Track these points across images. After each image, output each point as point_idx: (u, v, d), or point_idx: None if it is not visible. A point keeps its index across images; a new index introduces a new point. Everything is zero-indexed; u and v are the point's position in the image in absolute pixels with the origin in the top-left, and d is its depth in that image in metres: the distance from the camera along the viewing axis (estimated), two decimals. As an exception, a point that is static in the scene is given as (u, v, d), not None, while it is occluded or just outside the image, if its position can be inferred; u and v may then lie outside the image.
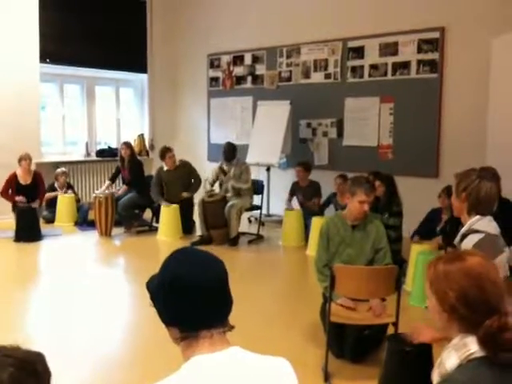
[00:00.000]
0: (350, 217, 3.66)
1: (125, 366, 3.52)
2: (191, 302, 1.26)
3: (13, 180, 7.37)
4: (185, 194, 7.34)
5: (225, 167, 7.11)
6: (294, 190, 7.34)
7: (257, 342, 1.07)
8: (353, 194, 3.56)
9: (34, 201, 7.35)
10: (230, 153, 7.07)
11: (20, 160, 7.33)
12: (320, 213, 6.80)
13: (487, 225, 2.54)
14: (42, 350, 1.22)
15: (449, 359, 1.41)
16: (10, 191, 7.36)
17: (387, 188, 5.52)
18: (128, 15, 9.49)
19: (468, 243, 2.47)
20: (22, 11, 8.01)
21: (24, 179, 7.42)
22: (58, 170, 8.10)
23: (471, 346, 1.38)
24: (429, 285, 1.51)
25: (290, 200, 7.26)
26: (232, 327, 1.31)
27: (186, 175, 7.49)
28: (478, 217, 2.55)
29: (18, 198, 7.25)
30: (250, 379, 1.23)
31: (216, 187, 7.25)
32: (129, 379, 3.30)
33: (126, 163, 7.76)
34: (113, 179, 8.15)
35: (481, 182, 2.56)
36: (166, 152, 7.40)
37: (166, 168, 7.48)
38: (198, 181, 7.53)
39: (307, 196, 7.13)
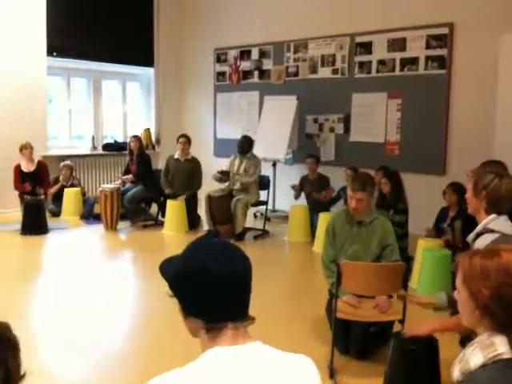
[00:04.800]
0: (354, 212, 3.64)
1: (130, 360, 3.52)
2: (220, 293, 1.22)
3: (17, 170, 7.48)
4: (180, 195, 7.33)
5: (237, 160, 7.09)
6: (303, 184, 7.33)
7: (261, 338, 1.06)
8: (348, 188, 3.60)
9: (39, 187, 7.38)
10: (245, 145, 7.04)
11: (21, 149, 7.41)
12: (328, 206, 6.78)
13: (503, 224, 2.49)
14: (47, 342, 1.22)
15: (473, 357, 1.36)
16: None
17: (393, 185, 5.49)
18: (135, 9, 9.46)
19: (481, 243, 2.43)
20: (30, 5, 8.01)
21: (27, 167, 7.48)
22: (62, 164, 8.12)
23: (499, 347, 1.32)
24: (462, 279, 1.44)
25: (298, 193, 7.27)
26: (253, 319, 1.29)
27: (192, 171, 7.48)
28: (493, 216, 2.50)
29: (25, 185, 7.30)
30: (270, 374, 1.21)
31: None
32: (133, 373, 3.30)
33: (134, 156, 7.76)
34: (125, 175, 8.06)
35: (501, 180, 2.51)
36: (181, 137, 7.51)
37: (176, 156, 7.51)
38: (198, 183, 7.50)
39: (316, 189, 7.12)
